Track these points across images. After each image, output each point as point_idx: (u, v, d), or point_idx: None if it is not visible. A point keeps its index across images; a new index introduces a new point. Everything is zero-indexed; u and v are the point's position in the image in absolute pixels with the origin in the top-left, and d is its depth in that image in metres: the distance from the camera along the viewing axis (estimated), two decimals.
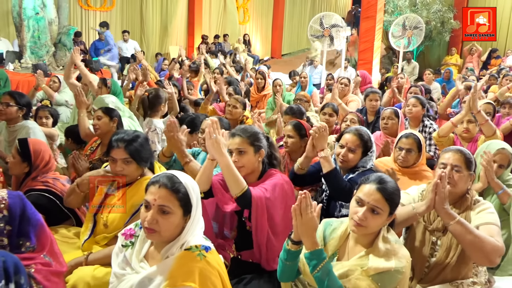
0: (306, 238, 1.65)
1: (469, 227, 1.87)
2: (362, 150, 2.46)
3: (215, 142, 1.92)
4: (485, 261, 1.92)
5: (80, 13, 11.18)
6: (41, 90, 5.29)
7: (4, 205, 1.63)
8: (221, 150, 1.93)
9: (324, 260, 1.64)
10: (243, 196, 1.98)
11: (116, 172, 2.16)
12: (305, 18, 17.03)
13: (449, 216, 1.88)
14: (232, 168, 1.97)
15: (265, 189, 2.08)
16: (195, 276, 1.51)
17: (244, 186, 1.98)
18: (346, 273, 1.70)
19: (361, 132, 2.49)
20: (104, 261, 2.05)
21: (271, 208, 2.08)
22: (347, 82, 5.26)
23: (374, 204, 1.70)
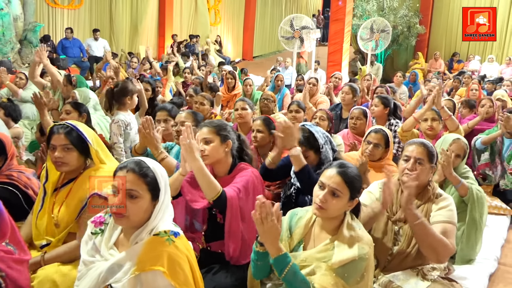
0: (270, 245, 1.68)
1: (429, 229, 1.97)
2: (313, 151, 2.51)
3: (189, 146, 1.92)
4: (435, 260, 2.05)
5: (47, 10, 10.90)
6: (5, 88, 5.14)
7: None
8: (194, 155, 1.93)
9: (290, 263, 1.67)
10: (219, 199, 2.00)
11: (56, 159, 2.07)
12: (276, 20, 17.18)
13: (414, 216, 1.96)
14: (206, 173, 1.98)
15: (238, 189, 2.10)
16: (163, 260, 1.53)
17: (219, 189, 2.00)
18: (313, 271, 1.74)
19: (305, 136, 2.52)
20: (62, 259, 2.01)
21: (244, 206, 2.11)
22: (315, 82, 5.32)
23: (334, 186, 1.76)
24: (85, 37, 11.20)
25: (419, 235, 2.00)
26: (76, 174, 2.15)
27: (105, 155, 2.20)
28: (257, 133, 3.05)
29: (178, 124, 2.79)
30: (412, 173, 2.15)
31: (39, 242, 2.13)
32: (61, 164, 2.08)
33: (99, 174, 2.12)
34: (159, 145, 2.50)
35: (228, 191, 2.05)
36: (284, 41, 9.04)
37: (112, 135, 3.44)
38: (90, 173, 2.12)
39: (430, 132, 3.48)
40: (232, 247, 2.11)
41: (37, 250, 2.13)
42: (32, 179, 2.48)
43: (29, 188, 2.40)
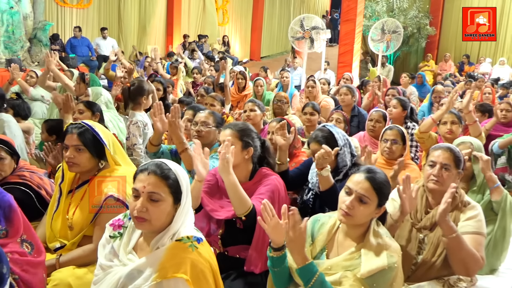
0: (296, 254, 1.63)
1: (464, 243, 1.88)
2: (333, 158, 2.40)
3: (227, 162, 1.88)
4: (463, 273, 1.97)
5: (56, 9, 10.91)
6: (16, 85, 5.11)
7: None
8: (229, 170, 1.90)
9: (317, 273, 1.62)
10: (249, 215, 1.96)
11: (67, 159, 2.04)
12: (284, 20, 17.13)
13: (450, 229, 1.87)
14: (239, 188, 1.94)
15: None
16: (186, 267, 1.47)
17: (250, 205, 1.95)
18: (339, 280, 1.67)
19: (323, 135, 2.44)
20: (77, 262, 1.98)
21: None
22: (313, 84, 5.17)
23: (362, 192, 1.69)
24: (94, 36, 11.20)
25: (452, 248, 1.90)
26: (91, 176, 2.10)
27: (121, 157, 2.15)
28: (272, 135, 2.98)
29: (199, 124, 2.73)
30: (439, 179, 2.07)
31: (53, 244, 2.08)
32: (72, 164, 2.05)
33: (114, 176, 2.08)
34: (182, 135, 2.47)
35: (257, 205, 1.99)
36: (294, 42, 8.96)
37: (131, 136, 3.40)
38: (104, 175, 2.08)
39: (449, 136, 3.39)
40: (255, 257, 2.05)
41: (51, 252, 2.08)
42: (44, 179, 2.44)
43: (42, 189, 2.35)
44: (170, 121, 2.44)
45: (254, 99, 4.06)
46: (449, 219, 1.87)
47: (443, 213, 1.85)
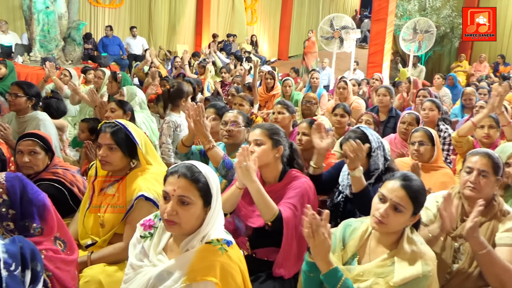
0: (320, 260, 1.60)
1: (496, 259, 1.80)
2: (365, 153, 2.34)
3: (246, 169, 1.88)
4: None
5: (89, 9, 11.20)
6: (51, 83, 5.25)
7: (3, 189, 1.58)
8: (251, 177, 1.89)
9: (342, 278, 1.58)
10: (275, 221, 1.94)
11: (100, 158, 2.08)
12: (313, 20, 17.01)
13: (480, 245, 1.80)
14: (263, 194, 1.93)
15: (294, 206, 2.03)
16: (216, 270, 1.46)
17: (276, 211, 1.94)
18: (370, 287, 1.63)
19: (355, 136, 2.37)
20: (108, 260, 2.00)
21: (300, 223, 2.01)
22: (344, 85, 5.08)
23: (397, 201, 1.64)
24: (125, 35, 11.42)
25: (484, 264, 1.83)
26: (122, 174, 2.13)
27: (153, 157, 2.16)
28: (302, 136, 2.96)
29: (229, 124, 2.73)
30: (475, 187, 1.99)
31: (85, 241, 2.12)
32: (105, 163, 2.08)
33: (146, 175, 2.09)
34: (208, 134, 2.47)
35: (284, 211, 1.98)
36: (323, 41, 8.88)
37: (162, 135, 3.44)
38: (136, 174, 2.10)
39: (486, 140, 3.28)
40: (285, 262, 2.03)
41: (83, 249, 2.11)
42: (77, 177, 2.48)
43: (74, 186, 2.39)
44: (195, 120, 2.45)
45: (284, 100, 4.03)
46: (478, 235, 1.79)
47: (470, 231, 1.77)
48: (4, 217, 1.58)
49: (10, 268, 1.09)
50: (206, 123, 2.47)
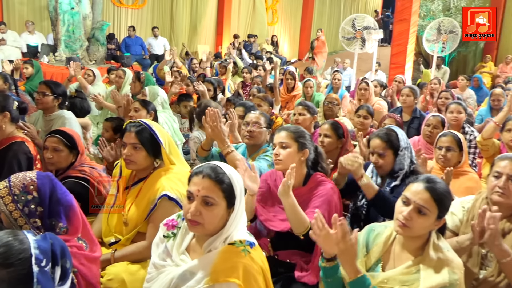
0: (348, 267, 1.57)
1: None
2: (392, 151, 2.34)
3: (288, 187, 1.89)
4: None
5: (112, 10, 11.39)
6: (75, 82, 5.35)
7: (34, 186, 1.63)
8: (289, 192, 1.91)
9: (370, 287, 1.56)
10: (307, 234, 1.91)
11: (125, 157, 2.10)
12: (334, 20, 16.90)
13: (503, 253, 1.74)
14: (297, 209, 1.94)
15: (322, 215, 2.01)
16: (239, 272, 1.46)
17: (308, 224, 1.94)
18: None
19: (387, 132, 2.39)
20: (131, 258, 2.03)
21: None
22: (365, 86, 5.03)
23: (421, 203, 1.60)
24: (147, 35, 11.57)
25: (509, 273, 1.78)
26: (146, 174, 2.15)
27: (176, 156, 2.18)
28: (324, 137, 2.93)
29: (250, 124, 2.73)
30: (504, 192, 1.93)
31: (108, 238, 2.15)
32: (129, 162, 2.10)
33: (169, 175, 2.11)
34: (225, 138, 2.47)
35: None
36: (345, 42, 8.81)
37: (191, 151, 3.57)
38: (160, 173, 2.12)
39: None
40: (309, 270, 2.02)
41: (106, 247, 2.15)
42: (103, 175, 2.52)
43: (100, 184, 2.43)
44: (211, 126, 2.45)
45: (305, 101, 4.01)
46: (500, 242, 1.73)
47: (490, 238, 1.72)
48: (32, 214, 1.62)
49: (41, 264, 1.11)
50: (223, 128, 2.47)
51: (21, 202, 1.60)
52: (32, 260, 1.10)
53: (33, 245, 1.12)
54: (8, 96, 2.89)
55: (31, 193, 1.61)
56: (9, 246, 1.09)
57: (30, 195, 1.61)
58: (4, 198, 1.61)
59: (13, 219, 1.60)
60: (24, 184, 1.62)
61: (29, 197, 1.61)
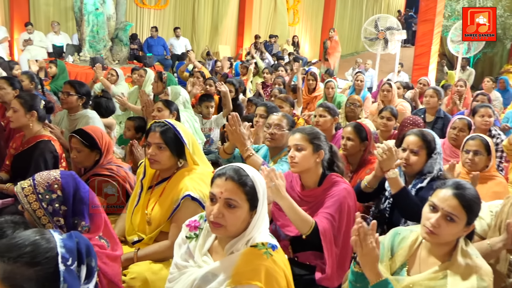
0: (369, 270, 1.54)
1: None
2: (426, 152, 2.30)
3: (275, 188, 1.89)
4: None
5: (135, 10, 11.54)
6: (99, 82, 5.44)
7: (58, 185, 1.65)
8: (281, 194, 1.90)
9: None
10: (312, 234, 1.94)
11: (149, 157, 2.11)
12: (356, 21, 16.76)
13: None
14: (296, 208, 1.93)
15: (331, 216, 2.00)
16: (261, 275, 1.44)
17: (312, 223, 1.94)
18: None
19: (424, 132, 2.35)
20: (153, 257, 2.04)
21: (338, 231, 2.02)
22: (388, 87, 4.94)
23: (450, 210, 1.56)
24: (169, 36, 11.68)
25: None
26: (170, 174, 2.17)
27: (200, 157, 2.19)
28: (347, 141, 2.88)
29: (272, 127, 2.71)
30: None
31: (132, 237, 2.17)
32: (153, 161, 2.12)
33: (192, 175, 2.12)
34: (246, 142, 2.47)
35: (321, 222, 1.96)
36: (367, 42, 8.71)
37: None
38: (183, 173, 2.13)
39: None
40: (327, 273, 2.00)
41: (129, 245, 2.17)
42: (129, 174, 2.56)
43: (126, 182, 2.46)
44: (231, 130, 2.45)
45: (325, 103, 3.97)
46: None
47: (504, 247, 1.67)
48: (56, 212, 1.65)
49: (67, 263, 1.12)
50: (243, 132, 2.46)
51: (45, 201, 1.63)
52: (58, 259, 1.10)
53: (59, 244, 1.13)
54: (35, 96, 2.96)
55: (55, 192, 1.63)
56: (36, 245, 1.11)
57: (55, 194, 1.63)
58: (29, 196, 1.63)
59: (37, 217, 1.63)
60: (48, 183, 1.65)
61: (54, 196, 1.64)
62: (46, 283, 1.09)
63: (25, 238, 1.11)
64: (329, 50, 11.35)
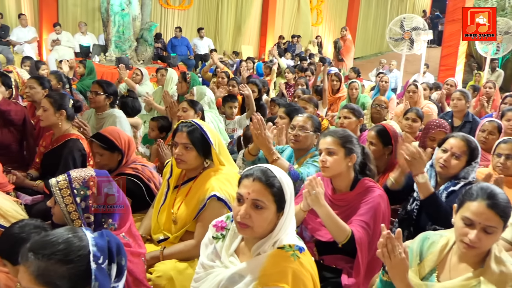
0: (399, 281, 1.51)
1: None
2: (467, 158, 2.24)
3: (315, 197, 1.87)
4: None
5: (160, 11, 11.68)
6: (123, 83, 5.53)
7: (93, 182, 1.68)
8: (320, 202, 1.88)
9: None
10: (348, 243, 1.92)
11: (176, 156, 2.12)
12: (380, 21, 16.54)
13: None
14: (334, 217, 1.91)
15: (367, 224, 1.98)
16: (288, 277, 1.43)
17: (348, 232, 1.91)
18: None
19: (470, 139, 2.29)
20: (179, 256, 2.05)
21: (373, 240, 1.98)
22: (414, 89, 4.83)
23: (488, 224, 1.50)
24: (192, 36, 11.78)
25: None
26: (196, 173, 2.18)
27: (226, 157, 2.19)
28: (370, 145, 2.82)
29: (296, 128, 2.69)
30: None
31: (157, 236, 2.19)
32: (180, 161, 2.13)
33: (218, 175, 2.12)
34: (271, 146, 2.44)
35: (357, 231, 1.93)
36: (392, 43, 8.57)
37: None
38: (209, 174, 2.13)
39: None
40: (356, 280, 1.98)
41: (155, 244, 2.19)
42: (154, 173, 2.58)
43: (151, 182, 2.48)
44: (256, 134, 2.42)
45: (350, 104, 3.93)
46: None
47: None
48: (88, 209, 1.68)
49: (99, 261, 1.13)
50: (268, 136, 2.43)
51: (79, 196, 1.66)
52: (90, 257, 1.12)
53: (91, 242, 1.15)
54: (64, 95, 3.02)
55: (90, 189, 1.67)
56: (69, 243, 1.13)
57: (89, 191, 1.67)
58: (63, 190, 1.67)
59: (67, 212, 1.66)
60: (84, 179, 1.68)
61: (88, 192, 1.67)
62: (79, 281, 1.11)
63: (58, 236, 1.14)
64: (343, 50, 11.13)
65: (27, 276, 1.09)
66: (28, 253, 1.10)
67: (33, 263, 1.09)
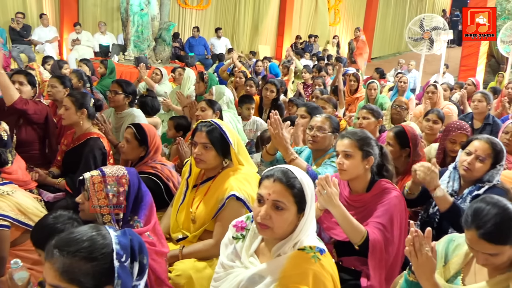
0: (425, 280, 1.49)
1: None
2: (492, 161, 2.20)
3: (328, 196, 1.85)
4: None
5: (178, 11, 11.76)
6: (143, 82, 5.58)
7: (126, 180, 1.71)
8: (333, 202, 1.86)
9: None
10: (364, 244, 1.90)
11: (195, 156, 2.13)
12: (398, 21, 16.35)
13: None
14: (349, 217, 1.89)
15: (383, 225, 1.95)
16: (308, 279, 1.43)
17: (364, 233, 1.89)
18: None
19: (494, 141, 2.23)
20: (197, 256, 2.06)
21: (389, 244, 1.97)
22: (433, 89, 4.74)
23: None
24: (210, 36, 11.83)
25: None
26: (215, 173, 2.18)
27: (244, 157, 2.19)
28: (387, 146, 2.79)
29: (314, 129, 2.67)
30: None
31: (176, 235, 2.20)
32: (199, 161, 2.13)
33: (237, 175, 2.12)
34: (288, 146, 2.42)
35: (373, 233, 1.91)
36: (411, 43, 8.46)
37: None
38: (228, 173, 2.14)
39: None
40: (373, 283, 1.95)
41: (173, 242, 2.20)
42: (173, 172, 2.60)
43: (170, 181, 2.50)
44: (273, 133, 2.41)
45: (369, 105, 3.89)
46: None
47: None
48: (118, 205, 1.71)
49: (122, 259, 1.14)
50: (285, 136, 2.41)
51: (112, 192, 1.69)
52: (113, 255, 1.13)
53: (114, 241, 1.16)
54: (86, 94, 3.06)
55: (123, 186, 1.70)
56: (93, 240, 1.14)
57: (122, 188, 1.70)
58: (96, 185, 1.70)
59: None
60: (118, 176, 1.72)
61: (121, 189, 1.70)
62: (102, 278, 1.12)
63: (82, 233, 1.15)
64: (356, 52, 10.99)
65: (53, 272, 1.10)
66: (54, 250, 1.12)
67: (58, 260, 1.10)
